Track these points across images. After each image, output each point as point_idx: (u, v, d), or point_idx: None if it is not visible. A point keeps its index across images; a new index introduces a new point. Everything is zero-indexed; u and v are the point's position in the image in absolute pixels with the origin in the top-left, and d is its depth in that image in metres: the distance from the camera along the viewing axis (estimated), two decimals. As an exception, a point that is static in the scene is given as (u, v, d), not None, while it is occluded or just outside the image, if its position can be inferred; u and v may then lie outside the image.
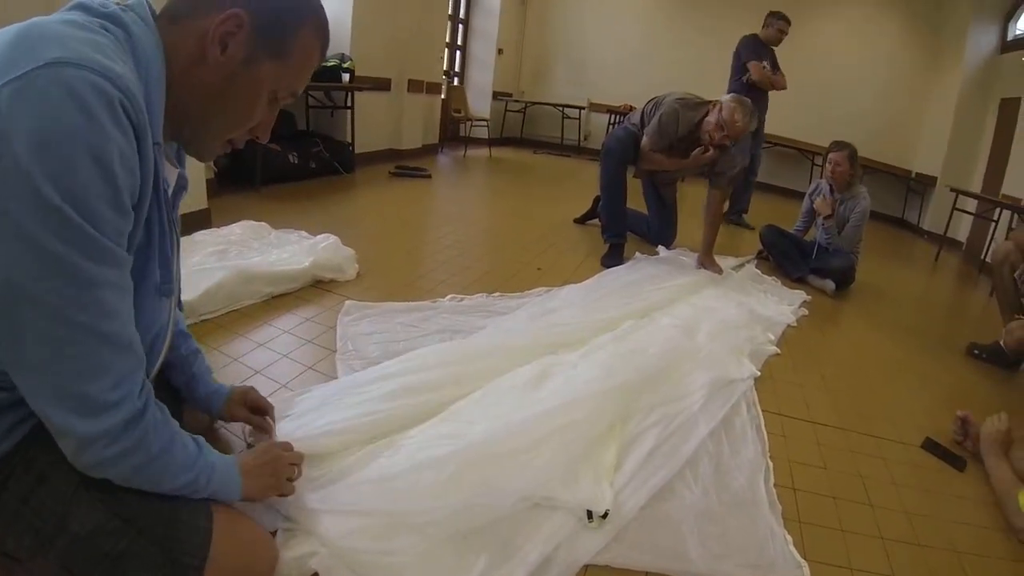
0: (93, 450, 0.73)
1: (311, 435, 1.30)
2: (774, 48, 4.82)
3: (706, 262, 3.28)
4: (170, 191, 0.85)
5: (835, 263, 3.46)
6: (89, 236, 0.64)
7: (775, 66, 4.81)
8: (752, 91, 4.65)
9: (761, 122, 4.85)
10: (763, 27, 4.79)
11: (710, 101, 3.21)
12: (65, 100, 0.61)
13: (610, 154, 3.45)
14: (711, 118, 3.10)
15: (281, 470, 1.06)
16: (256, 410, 1.28)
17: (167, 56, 0.76)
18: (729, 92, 4.73)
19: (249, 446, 1.31)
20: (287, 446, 1.14)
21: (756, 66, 4.61)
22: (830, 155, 3.48)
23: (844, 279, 3.49)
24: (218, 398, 1.23)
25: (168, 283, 0.85)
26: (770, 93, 4.82)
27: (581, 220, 4.20)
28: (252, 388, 1.30)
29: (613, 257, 3.32)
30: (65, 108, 0.61)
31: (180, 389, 1.21)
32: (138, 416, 0.75)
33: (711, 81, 6.41)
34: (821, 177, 3.74)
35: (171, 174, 0.89)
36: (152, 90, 0.72)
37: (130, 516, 0.80)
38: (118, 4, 0.73)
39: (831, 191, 3.55)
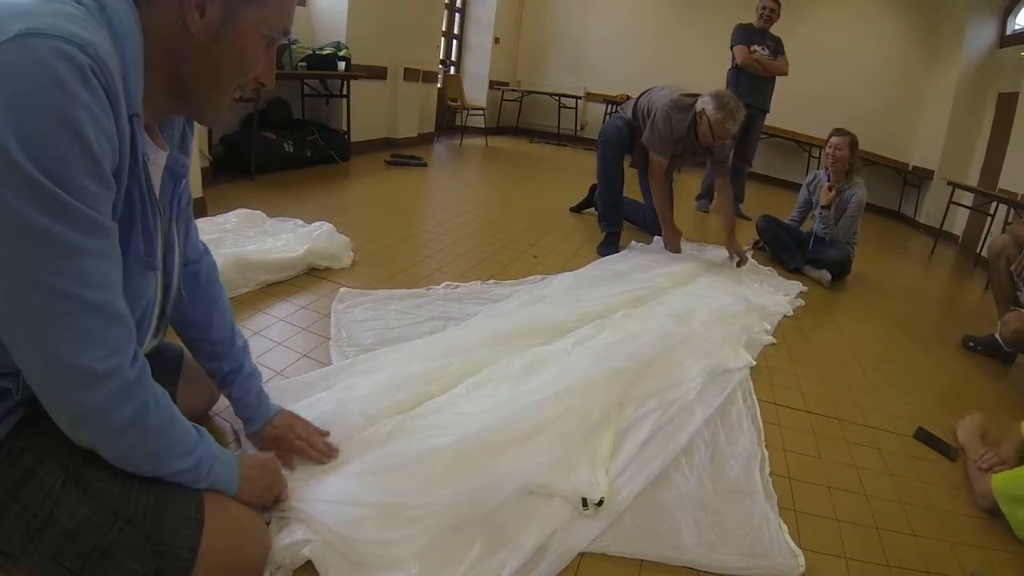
0: (87, 424, 0.72)
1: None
2: (775, 33, 4.73)
3: (731, 247, 3.31)
4: (151, 164, 0.83)
5: (831, 254, 3.46)
6: (68, 205, 0.63)
7: (777, 51, 4.73)
8: (745, 75, 4.63)
9: (762, 110, 4.81)
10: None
11: (698, 96, 3.18)
12: (35, 71, 0.60)
13: (607, 143, 3.45)
14: (702, 128, 3.10)
15: (276, 486, 1.05)
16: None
17: (146, 32, 0.74)
18: (726, 79, 4.72)
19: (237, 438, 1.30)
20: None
21: (740, 50, 4.60)
22: (832, 139, 3.45)
23: (840, 270, 3.48)
24: (259, 418, 1.19)
25: (152, 256, 0.83)
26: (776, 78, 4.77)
27: (577, 209, 4.19)
28: (292, 428, 1.21)
29: (609, 246, 3.32)
30: (35, 79, 0.60)
31: (228, 385, 1.19)
32: (132, 388, 0.74)
33: (708, 70, 6.39)
34: (819, 168, 3.73)
35: (158, 154, 0.86)
36: (129, 61, 0.70)
37: (117, 508, 0.79)
38: None
39: (828, 179, 3.54)
